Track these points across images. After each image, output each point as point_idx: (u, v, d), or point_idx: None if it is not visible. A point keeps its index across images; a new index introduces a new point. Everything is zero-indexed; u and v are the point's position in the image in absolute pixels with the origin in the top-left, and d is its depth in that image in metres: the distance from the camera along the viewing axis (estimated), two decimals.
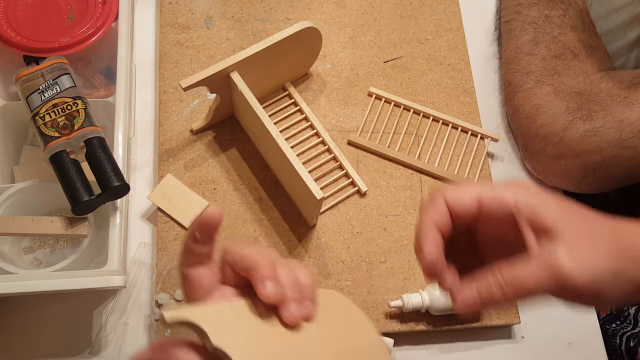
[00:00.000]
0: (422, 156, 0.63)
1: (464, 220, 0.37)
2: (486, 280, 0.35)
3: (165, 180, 0.59)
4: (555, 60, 0.61)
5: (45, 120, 0.51)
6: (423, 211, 0.37)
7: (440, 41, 0.69)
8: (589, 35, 0.62)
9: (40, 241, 0.57)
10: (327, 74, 0.66)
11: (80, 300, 0.56)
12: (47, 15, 0.60)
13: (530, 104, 0.61)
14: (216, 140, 0.62)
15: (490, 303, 0.35)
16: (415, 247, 0.36)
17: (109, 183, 0.50)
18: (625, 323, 0.59)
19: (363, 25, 0.69)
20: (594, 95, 0.58)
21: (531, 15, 0.64)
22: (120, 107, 0.56)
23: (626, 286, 0.34)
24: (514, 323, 0.56)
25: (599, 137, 0.56)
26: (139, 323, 0.55)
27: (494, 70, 0.70)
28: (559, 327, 0.59)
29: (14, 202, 0.54)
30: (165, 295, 0.54)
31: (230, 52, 0.66)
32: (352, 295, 0.55)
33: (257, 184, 0.60)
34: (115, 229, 0.52)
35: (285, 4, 0.69)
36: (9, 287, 0.47)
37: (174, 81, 0.64)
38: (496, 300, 0.35)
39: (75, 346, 0.55)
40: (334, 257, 0.57)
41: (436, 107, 0.65)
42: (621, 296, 0.34)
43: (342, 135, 0.63)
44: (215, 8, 0.68)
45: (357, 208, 0.60)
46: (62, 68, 0.54)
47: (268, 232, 0.58)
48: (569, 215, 0.35)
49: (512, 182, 0.37)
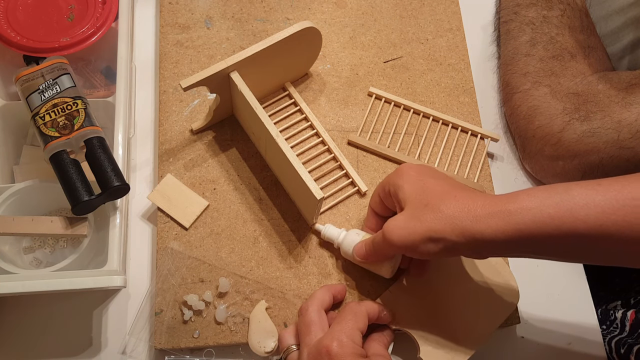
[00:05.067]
0: (422, 156, 0.63)
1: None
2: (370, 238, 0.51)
3: (165, 180, 0.59)
4: (552, 61, 0.61)
5: (45, 120, 0.51)
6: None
7: (440, 41, 0.69)
8: (587, 35, 0.62)
9: (40, 241, 0.57)
10: (327, 74, 0.66)
11: (80, 300, 0.56)
12: (47, 15, 0.60)
13: (527, 105, 0.61)
14: (216, 140, 0.62)
15: (367, 255, 0.51)
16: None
17: (109, 183, 0.50)
18: (612, 327, 0.59)
19: (363, 25, 0.69)
20: (592, 96, 0.58)
21: (529, 15, 0.64)
22: (120, 107, 0.56)
23: (441, 244, 0.44)
24: (514, 323, 0.56)
25: (597, 138, 0.56)
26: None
27: (493, 71, 0.70)
28: (559, 327, 0.59)
29: (14, 202, 0.54)
30: (194, 297, 0.54)
31: (230, 52, 0.66)
32: (353, 296, 0.56)
33: (257, 184, 0.60)
34: (115, 229, 0.52)
35: (285, 4, 0.69)
36: (9, 287, 0.47)
37: (174, 81, 0.64)
38: (368, 253, 0.51)
39: (75, 346, 0.55)
40: (334, 257, 0.57)
41: (436, 107, 0.66)
42: (439, 251, 0.44)
43: (342, 135, 0.63)
44: (215, 8, 0.68)
45: (357, 208, 0.60)
46: (62, 68, 0.54)
47: (268, 232, 0.58)
48: (416, 192, 0.47)
49: (397, 168, 0.51)
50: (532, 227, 0.41)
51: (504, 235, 0.42)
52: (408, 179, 0.48)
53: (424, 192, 0.46)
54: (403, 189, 0.48)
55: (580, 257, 0.45)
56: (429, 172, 0.49)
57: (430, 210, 0.45)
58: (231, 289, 0.55)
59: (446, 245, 0.44)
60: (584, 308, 0.60)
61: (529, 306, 0.59)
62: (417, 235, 0.44)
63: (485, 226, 0.42)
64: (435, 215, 0.44)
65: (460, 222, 0.43)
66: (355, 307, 0.49)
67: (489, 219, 0.42)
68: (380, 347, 0.49)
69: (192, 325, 0.53)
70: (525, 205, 0.42)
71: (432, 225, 0.44)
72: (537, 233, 0.41)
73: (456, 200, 0.44)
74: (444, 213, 0.44)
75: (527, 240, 0.42)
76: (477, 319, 0.53)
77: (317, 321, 0.48)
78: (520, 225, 0.41)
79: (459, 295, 0.54)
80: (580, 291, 0.61)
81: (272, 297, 0.55)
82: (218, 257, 0.56)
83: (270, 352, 0.52)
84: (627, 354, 0.55)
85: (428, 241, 0.44)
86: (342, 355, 0.44)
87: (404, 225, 0.45)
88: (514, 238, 0.42)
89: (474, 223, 0.43)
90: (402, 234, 0.45)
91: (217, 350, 0.54)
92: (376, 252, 0.50)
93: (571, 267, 0.61)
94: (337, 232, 0.55)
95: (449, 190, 0.46)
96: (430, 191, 0.46)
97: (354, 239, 0.54)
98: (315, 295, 0.51)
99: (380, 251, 0.49)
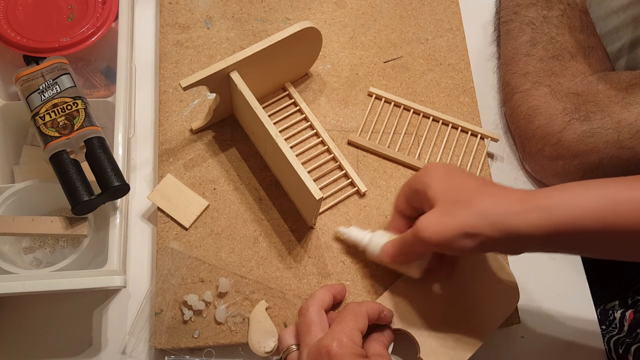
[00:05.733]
0: (422, 156, 0.63)
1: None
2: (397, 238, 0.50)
3: (165, 180, 0.59)
4: (552, 61, 0.61)
5: (45, 120, 0.51)
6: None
7: (440, 41, 0.69)
8: (587, 35, 0.62)
9: (40, 241, 0.57)
10: (327, 74, 0.66)
11: (80, 300, 0.56)
12: (47, 15, 0.60)
13: (527, 105, 0.61)
14: (216, 140, 0.62)
15: (396, 255, 0.50)
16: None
17: (109, 183, 0.50)
18: (611, 327, 0.59)
19: (363, 25, 0.69)
20: (592, 96, 0.58)
21: (529, 15, 0.64)
22: (120, 107, 0.56)
23: (477, 240, 0.43)
24: (514, 323, 0.56)
25: (597, 138, 0.56)
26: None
27: (493, 71, 0.70)
28: (559, 327, 0.59)
29: (14, 202, 0.54)
30: (194, 297, 0.54)
31: (230, 52, 0.66)
32: (352, 296, 0.56)
33: (257, 184, 0.60)
34: (115, 229, 0.52)
35: (285, 4, 0.69)
36: (9, 287, 0.47)
37: (174, 81, 0.64)
38: (396, 253, 0.50)
39: (75, 346, 0.55)
40: (334, 257, 0.57)
41: (436, 107, 0.66)
42: (475, 247, 0.44)
43: (342, 135, 0.63)
44: (215, 8, 0.68)
45: (357, 208, 0.60)
46: (62, 68, 0.54)
47: (268, 232, 0.58)
48: (447, 189, 0.46)
49: (423, 167, 0.50)
50: (570, 223, 0.41)
51: (541, 230, 0.42)
52: (436, 176, 0.48)
53: (454, 189, 0.46)
54: (432, 187, 0.47)
55: (615, 253, 0.45)
56: (456, 170, 0.49)
57: (464, 206, 0.44)
58: (231, 289, 0.55)
59: (482, 240, 0.43)
60: (584, 308, 0.60)
61: (529, 306, 0.59)
62: (452, 231, 0.44)
63: (522, 221, 0.42)
64: (469, 210, 0.44)
65: (496, 217, 0.43)
66: (355, 307, 0.49)
67: (526, 214, 0.42)
68: (380, 347, 0.49)
69: (192, 325, 0.53)
70: (563, 201, 0.42)
71: (467, 220, 0.44)
72: (574, 228, 0.41)
73: (490, 196, 0.44)
74: (478, 208, 0.44)
75: (563, 236, 0.42)
76: (477, 319, 0.53)
77: (317, 321, 0.48)
78: (558, 220, 0.41)
79: (459, 295, 0.54)
80: (580, 291, 0.61)
81: (272, 297, 0.55)
82: (218, 257, 0.56)
83: (270, 352, 0.52)
84: (625, 354, 0.55)
85: (464, 237, 0.44)
86: (342, 355, 0.44)
87: (438, 222, 0.45)
88: (551, 233, 0.42)
89: (510, 218, 0.42)
90: (437, 230, 0.45)
91: (217, 350, 0.54)
92: (406, 252, 0.49)
93: (571, 267, 0.61)
94: (363, 234, 0.55)
95: (480, 186, 0.46)
96: (461, 188, 0.46)
97: (381, 240, 0.53)
98: (316, 295, 0.51)
99: (411, 250, 0.49)
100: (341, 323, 0.47)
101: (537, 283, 0.60)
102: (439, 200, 0.46)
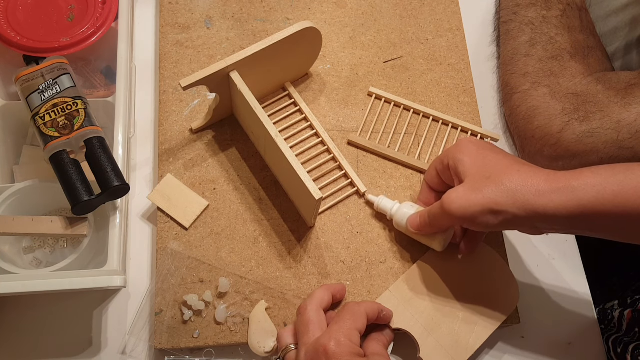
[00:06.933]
0: (422, 156, 0.63)
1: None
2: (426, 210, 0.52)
3: (165, 180, 0.59)
4: (551, 62, 0.61)
5: (45, 120, 0.51)
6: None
7: (440, 41, 0.69)
8: (587, 35, 0.62)
9: (40, 241, 0.57)
10: (327, 74, 0.66)
11: (80, 300, 0.56)
12: (47, 15, 0.60)
13: (526, 106, 0.61)
14: (216, 140, 0.62)
15: (421, 226, 0.52)
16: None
17: (109, 183, 0.50)
18: (610, 326, 0.59)
19: (363, 25, 0.69)
20: (591, 96, 0.58)
21: (529, 16, 0.64)
22: (120, 107, 0.56)
23: (501, 217, 0.44)
24: (514, 323, 0.56)
25: (596, 139, 0.56)
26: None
27: (493, 71, 0.70)
28: (559, 327, 0.59)
29: (14, 202, 0.54)
30: (194, 297, 0.54)
31: (230, 52, 0.66)
32: (352, 296, 0.56)
33: (257, 184, 0.60)
34: (115, 229, 0.52)
35: (285, 4, 0.69)
36: (9, 287, 0.47)
37: (174, 81, 0.64)
38: (422, 224, 0.52)
39: (75, 346, 0.55)
40: (334, 257, 0.57)
41: (436, 107, 0.66)
42: (498, 224, 0.45)
43: (342, 135, 0.63)
44: (215, 8, 0.68)
45: (357, 208, 0.60)
46: (62, 68, 0.54)
47: (268, 232, 0.58)
48: (477, 165, 0.47)
49: (457, 142, 0.51)
50: (595, 204, 0.42)
51: (566, 210, 0.42)
52: (469, 152, 0.49)
53: (485, 166, 0.47)
54: (463, 162, 0.48)
55: (638, 238, 0.45)
56: (489, 146, 0.50)
57: (492, 183, 0.45)
58: (231, 289, 0.55)
59: (506, 218, 0.44)
60: (583, 308, 0.60)
61: (529, 306, 0.59)
62: (477, 206, 0.45)
63: (548, 201, 0.43)
64: (497, 187, 0.45)
65: (523, 195, 0.44)
66: (354, 307, 0.49)
67: (552, 194, 0.43)
68: (379, 347, 0.50)
69: (192, 325, 0.54)
70: (589, 182, 0.42)
71: (493, 197, 0.44)
72: (599, 210, 0.42)
73: (519, 174, 0.45)
74: (506, 186, 0.45)
75: (588, 217, 0.42)
76: (477, 319, 0.53)
77: (315, 320, 0.48)
78: (584, 201, 0.42)
79: (459, 295, 0.54)
80: (580, 291, 0.61)
81: (272, 297, 0.55)
82: (218, 257, 0.56)
83: (270, 352, 0.52)
84: (623, 353, 0.55)
85: (488, 213, 0.45)
86: (340, 355, 0.44)
87: (465, 197, 0.46)
88: (576, 214, 0.42)
89: (537, 197, 0.43)
90: (463, 205, 0.46)
91: (217, 350, 0.54)
92: (432, 224, 0.51)
93: (571, 267, 0.61)
94: (391, 204, 0.57)
95: (510, 164, 0.47)
96: (492, 164, 0.47)
97: (408, 211, 0.55)
98: (315, 294, 0.51)
99: (436, 222, 0.50)
100: (339, 322, 0.47)
101: (537, 283, 0.60)
102: (469, 176, 0.47)
